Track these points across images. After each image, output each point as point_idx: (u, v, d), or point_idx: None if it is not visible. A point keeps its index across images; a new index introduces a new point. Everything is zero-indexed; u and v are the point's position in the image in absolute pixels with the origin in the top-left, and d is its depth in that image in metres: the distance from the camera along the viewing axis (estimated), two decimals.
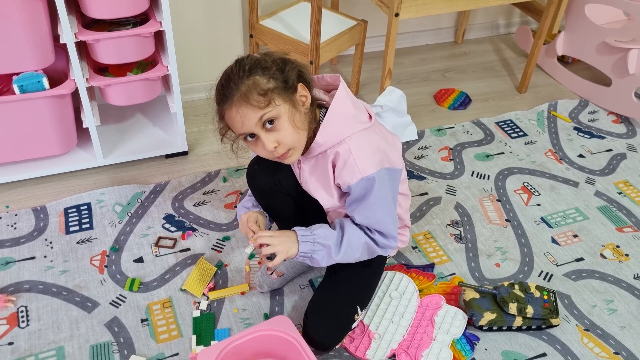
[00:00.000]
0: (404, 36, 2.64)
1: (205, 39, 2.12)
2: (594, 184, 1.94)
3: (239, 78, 1.16)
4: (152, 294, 1.49)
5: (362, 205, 1.26)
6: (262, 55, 1.21)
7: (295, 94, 1.19)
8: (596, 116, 2.28)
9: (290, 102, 1.18)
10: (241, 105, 1.15)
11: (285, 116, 1.17)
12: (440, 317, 1.44)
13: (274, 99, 1.16)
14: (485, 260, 1.65)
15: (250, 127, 1.17)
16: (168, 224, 1.69)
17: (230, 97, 1.16)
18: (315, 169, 1.30)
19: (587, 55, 2.32)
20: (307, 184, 1.33)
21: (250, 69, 1.17)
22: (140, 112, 2.05)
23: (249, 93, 1.14)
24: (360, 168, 1.22)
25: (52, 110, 1.68)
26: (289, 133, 1.18)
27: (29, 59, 1.58)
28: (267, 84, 1.16)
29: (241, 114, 1.16)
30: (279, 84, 1.16)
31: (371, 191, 1.23)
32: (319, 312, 1.36)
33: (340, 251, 1.28)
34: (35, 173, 1.79)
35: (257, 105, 1.15)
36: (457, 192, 1.88)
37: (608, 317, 1.51)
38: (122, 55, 1.66)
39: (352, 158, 1.21)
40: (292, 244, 1.27)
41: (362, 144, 1.23)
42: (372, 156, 1.23)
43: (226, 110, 1.19)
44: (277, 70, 1.18)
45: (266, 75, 1.16)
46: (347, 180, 1.23)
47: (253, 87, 1.15)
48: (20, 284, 1.49)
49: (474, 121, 2.21)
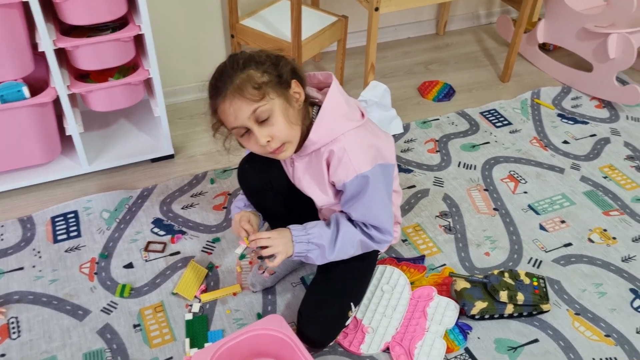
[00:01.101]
0: (385, 30, 2.64)
1: (187, 41, 2.11)
2: (579, 170, 1.96)
3: (233, 71, 1.16)
4: (144, 299, 1.48)
5: (357, 202, 1.26)
6: (255, 51, 1.21)
7: (289, 89, 1.19)
8: (579, 102, 2.29)
9: (284, 97, 1.18)
10: (235, 98, 1.15)
11: (279, 110, 1.17)
12: (432, 309, 1.45)
13: (268, 92, 1.15)
14: (475, 249, 1.66)
15: (243, 120, 1.16)
16: (157, 228, 1.68)
17: (223, 91, 1.16)
18: (309, 167, 1.30)
19: (567, 42, 2.33)
20: (300, 182, 1.33)
21: (244, 63, 1.16)
22: (125, 117, 2.03)
23: (243, 86, 1.14)
24: (354, 166, 1.22)
25: (34, 119, 1.67)
26: (282, 127, 1.18)
27: (7, 69, 1.57)
28: (261, 77, 1.15)
29: (234, 107, 1.15)
30: (272, 78, 1.16)
31: (366, 188, 1.24)
32: (313, 310, 1.36)
33: (334, 250, 1.29)
34: (20, 183, 1.78)
35: (250, 99, 1.14)
36: (445, 184, 1.88)
37: (598, 301, 1.53)
38: (102, 60, 1.65)
39: (347, 156, 1.22)
40: (289, 244, 1.28)
41: (356, 142, 1.23)
42: (366, 153, 1.24)
43: (219, 104, 1.18)
44: (270, 64, 1.18)
45: (260, 69, 1.16)
46: (342, 178, 1.23)
47: (247, 80, 1.14)
48: (9, 295, 1.48)
49: (458, 112, 2.22)
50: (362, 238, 1.31)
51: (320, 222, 1.32)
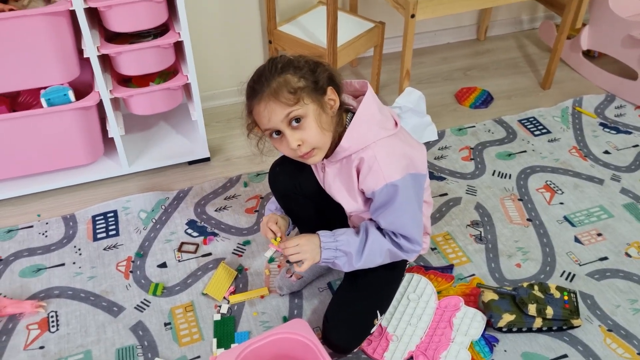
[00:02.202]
0: (424, 35, 2.63)
1: (226, 47, 2.16)
2: (620, 181, 1.90)
3: (271, 75, 1.18)
4: (175, 299, 1.53)
5: (387, 211, 1.27)
6: (295, 56, 1.24)
7: (324, 96, 1.21)
8: (623, 111, 2.23)
9: (318, 104, 1.20)
10: (270, 101, 1.17)
11: (312, 116, 1.19)
12: (459, 319, 1.44)
13: (303, 97, 1.18)
14: (506, 260, 1.64)
15: (277, 123, 1.19)
16: (190, 230, 1.73)
17: (260, 92, 1.18)
18: (340, 173, 1.31)
19: (612, 49, 2.27)
20: (330, 188, 1.35)
21: (282, 67, 1.19)
22: (164, 120, 2.10)
23: (279, 90, 1.16)
24: (384, 174, 1.23)
25: (79, 121, 1.75)
26: (314, 132, 1.20)
27: (55, 73, 1.65)
28: (297, 82, 1.18)
29: (269, 109, 1.18)
30: (309, 84, 1.18)
31: (395, 197, 1.24)
32: (339, 316, 1.38)
33: (361, 258, 1.30)
34: (64, 182, 1.86)
35: (285, 102, 1.17)
36: (478, 192, 1.86)
37: (632, 317, 1.48)
38: (143, 66, 1.71)
39: (377, 164, 1.23)
40: (317, 250, 1.30)
41: (387, 151, 1.24)
42: (397, 162, 1.24)
43: (255, 105, 1.21)
44: (308, 70, 1.20)
45: (297, 74, 1.19)
46: (372, 187, 1.24)
47: (284, 84, 1.17)
48: (50, 290, 1.55)
49: (495, 119, 2.19)
50: (390, 247, 1.31)
51: (349, 230, 1.34)
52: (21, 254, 1.65)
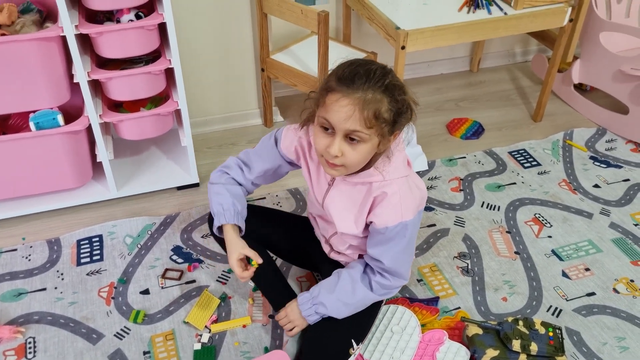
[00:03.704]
0: (418, 66, 2.66)
1: (218, 74, 2.18)
2: (609, 215, 1.89)
3: (375, 84, 1.12)
4: (156, 326, 1.51)
5: (392, 249, 1.29)
6: (402, 85, 1.17)
7: (391, 135, 1.19)
8: (614, 145, 2.23)
9: (381, 140, 1.17)
10: (355, 105, 1.11)
11: (369, 146, 1.17)
12: (442, 353, 1.42)
13: (377, 128, 1.14)
14: (492, 294, 1.62)
15: (341, 127, 1.13)
16: (176, 256, 1.72)
17: (354, 88, 1.11)
18: (352, 196, 1.31)
19: (603, 83, 2.28)
20: (330, 203, 1.34)
21: (387, 87, 1.13)
22: (155, 145, 2.10)
23: (370, 104, 1.11)
24: (403, 212, 1.25)
25: (67, 145, 1.75)
26: (358, 158, 1.18)
27: (45, 98, 1.65)
28: (385, 112, 1.13)
29: (347, 111, 1.11)
30: (390, 121, 1.15)
31: (404, 235, 1.27)
32: (313, 348, 1.37)
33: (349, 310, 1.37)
34: (51, 206, 1.85)
35: (364, 119, 1.11)
36: (466, 224, 1.86)
37: (619, 355, 1.46)
38: (134, 92, 1.72)
39: (399, 202, 1.24)
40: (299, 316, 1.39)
41: (408, 190, 1.27)
42: (413, 202, 1.28)
43: (338, 94, 1.12)
44: (399, 109, 1.15)
45: (391, 105, 1.14)
46: (386, 222, 1.26)
47: (377, 103, 1.11)
48: (30, 315, 1.53)
49: (486, 151, 2.19)
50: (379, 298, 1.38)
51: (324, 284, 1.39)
52: (3, 278, 1.63)
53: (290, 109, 2.41)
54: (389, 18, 1.92)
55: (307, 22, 1.89)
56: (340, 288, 1.35)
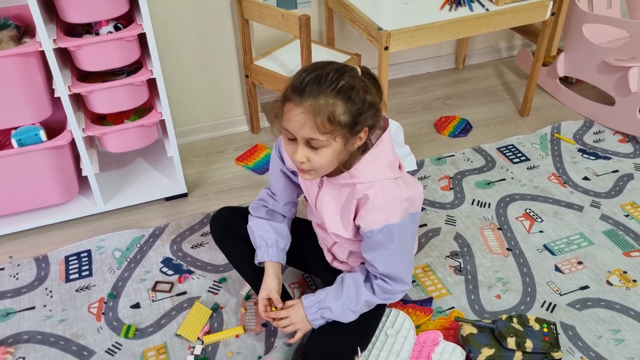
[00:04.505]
0: (403, 65, 2.65)
1: (202, 82, 2.16)
2: (600, 207, 1.89)
3: (326, 88, 1.11)
4: (148, 340, 1.49)
5: (383, 253, 1.27)
6: (359, 84, 1.14)
7: (356, 136, 1.18)
8: (602, 136, 2.23)
9: (345, 141, 1.16)
10: (307, 113, 1.12)
11: (332, 150, 1.16)
12: (438, 354, 1.41)
13: (335, 132, 1.13)
14: (486, 292, 1.61)
15: (298, 135, 1.15)
16: (166, 268, 1.70)
17: (305, 97, 1.12)
18: (339, 198, 1.30)
19: (588, 75, 2.29)
20: (322, 206, 1.33)
21: (340, 90, 1.12)
22: (141, 157, 2.09)
23: (321, 111, 1.11)
24: (387, 215, 1.23)
25: (51, 161, 1.73)
26: (324, 162, 1.18)
27: (25, 114, 1.64)
28: (341, 115, 1.12)
29: (300, 120, 1.13)
30: (348, 123, 1.13)
31: (392, 239, 1.25)
32: (320, 353, 1.34)
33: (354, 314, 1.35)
34: (38, 222, 1.83)
35: (317, 126, 1.12)
36: (457, 222, 1.85)
37: (615, 348, 1.45)
38: (116, 104, 1.70)
39: (382, 205, 1.22)
40: (304, 319, 1.36)
41: (393, 193, 1.24)
42: (399, 205, 1.25)
43: (292, 104, 1.14)
44: (357, 110, 1.14)
45: (347, 107, 1.12)
46: (371, 225, 1.24)
47: (330, 108, 1.11)
48: (19, 335, 1.51)
49: (474, 148, 2.18)
50: (381, 302, 1.36)
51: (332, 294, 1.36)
52: None
53: None
54: (371, 19, 1.91)
55: (289, 26, 1.88)
56: (346, 293, 1.33)
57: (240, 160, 2.15)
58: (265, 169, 2.11)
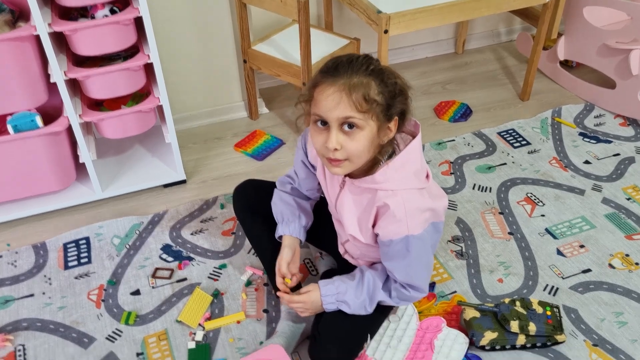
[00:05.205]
0: (403, 50, 2.62)
1: (200, 68, 2.14)
2: (601, 191, 1.88)
3: (358, 69, 1.11)
4: (148, 327, 1.48)
5: (402, 263, 1.24)
6: (389, 70, 1.15)
7: (388, 123, 1.15)
8: (602, 120, 2.22)
9: (379, 126, 1.13)
10: (342, 91, 1.09)
11: (367, 133, 1.12)
12: (440, 340, 1.40)
13: (371, 112, 1.11)
14: (488, 276, 1.60)
15: (332, 116, 1.11)
16: (165, 254, 1.69)
17: (338, 76, 1.10)
18: (359, 202, 1.26)
19: (589, 59, 2.27)
20: (342, 206, 1.30)
21: (372, 71, 1.11)
22: (139, 143, 2.06)
23: (357, 88, 1.09)
24: (408, 227, 1.19)
25: (48, 147, 1.71)
26: (359, 147, 1.13)
27: (21, 99, 1.61)
28: (376, 95, 1.10)
29: (335, 98, 1.10)
30: (383, 104, 1.11)
31: (411, 249, 1.21)
32: (333, 336, 1.32)
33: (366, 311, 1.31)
34: (35, 210, 1.81)
35: (354, 104, 1.09)
36: (458, 207, 1.84)
37: (618, 331, 1.45)
38: (113, 89, 1.68)
39: (403, 215, 1.18)
40: (319, 302, 1.31)
41: (415, 204, 1.20)
42: (422, 216, 1.21)
43: (324, 85, 1.11)
44: (390, 92, 1.13)
45: (380, 87, 1.11)
46: (391, 235, 1.21)
47: (365, 86, 1.09)
48: (18, 322, 1.50)
49: (475, 132, 2.17)
50: (394, 304, 1.34)
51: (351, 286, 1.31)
52: None
53: (276, 100, 2.38)
54: (370, 2, 1.88)
55: (287, 10, 1.85)
56: (365, 292, 1.30)
57: (239, 147, 2.13)
58: (265, 154, 2.09)
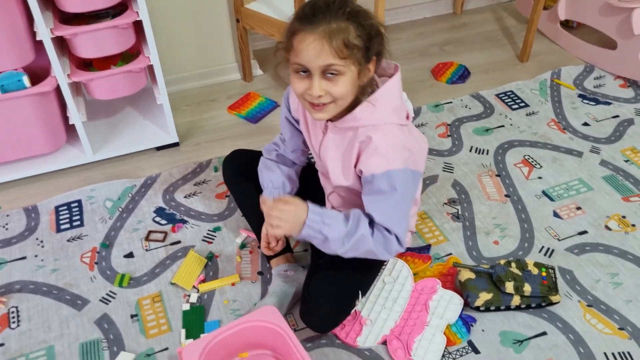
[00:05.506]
0: (400, 10, 2.56)
1: (192, 27, 2.08)
2: (599, 153, 1.86)
3: (336, 13, 1.09)
4: (142, 289, 1.48)
5: (383, 202, 1.21)
6: (363, 10, 1.14)
7: (367, 64, 1.16)
8: (602, 81, 2.18)
9: (359, 68, 1.14)
10: (323, 40, 1.08)
11: (349, 78, 1.13)
12: (435, 302, 1.40)
13: (351, 57, 1.11)
14: (484, 238, 1.59)
15: (314, 65, 1.11)
16: (159, 217, 1.67)
17: (317, 24, 1.09)
18: (342, 143, 1.26)
19: (590, 18, 2.22)
20: (326, 152, 1.29)
21: (350, 14, 1.10)
22: (130, 106, 2.02)
23: (337, 35, 1.08)
24: (389, 160, 1.18)
25: (36, 108, 1.67)
26: (342, 90, 1.14)
27: (7, 58, 1.56)
28: (355, 39, 1.10)
29: (316, 47, 1.09)
30: (362, 47, 1.12)
31: (395, 187, 1.19)
32: (323, 294, 1.32)
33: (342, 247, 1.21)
34: (25, 173, 1.79)
35: (334, 51, 1.09)
36: (455, 169, 1.82)
37: (612, 292, 1.45)
38: (101, 48, 1.63)
39: (385, 148, 1.17)
40: (299, 224, 1.18)
41: (396, 138, 1.19)
42: (401, 153, 1.20)
43: (303, 33, 1.10)
44: (367, 34, 1.12)
45: (359, 31, 1.11)
46: (373, 169, 1.19)
47: (344, 31, 1.09)
48: (11, 285, 1.49)
49: (473, 94, 2.13)
50: (373, 249, 1.23)
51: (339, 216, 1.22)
52: None
53: (270, 61, 2.32)
54: None
55: None
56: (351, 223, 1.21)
57: (232, 109, 2.10)
58: (259, 117, 2.05)
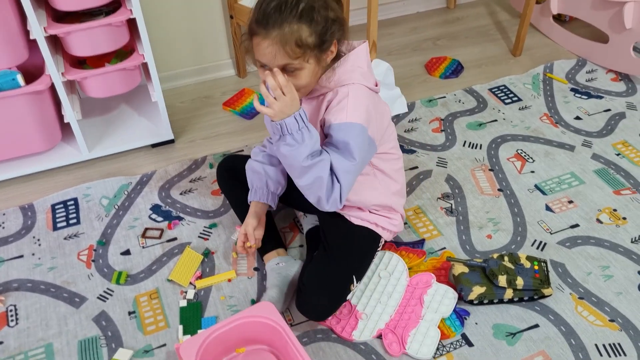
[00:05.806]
0: (394, 5, 2.57)
1: (186, 24, 2.08)
2: (591, 147, 1.88)
3: (288, 15, 1.14)
4: (139, 286, 1.49)
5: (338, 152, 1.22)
6: (320, 2, 1.17)
7: (327, 51, 1.21)
8: (594, 75, 2.20)
9: (317, 60, 1.20)
10: (275, 44, 1.14)
11: (308, 70, 1.19)
12: (430, 296, 1.42)
13: (306, 54, 1.17)
14: (477, 232, 1.61)
15: (272, 65, 1.17)
16: (155, 215, 1.68)
17: (270, 28, 1.14)
18: (314, 109, 1.30)
19: (582, 12, 2.23)
20: None
21: (302, 14, 1.14)
22: (125, 103, 2.03)
23: (289, 39, 1.13)
24: (349, 113, 1.22)
25: (31, 107, 1.67)
26: (303, 82, 1.20)
27: (0, 57, 1.57)
28: (308, 37, 1.15)
29: (271, 51, 1.15)
30: (317, 43, 1.17)
31: (349, 140, 1.21)
32: (317, 281, 1.34)
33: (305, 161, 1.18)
34: (21, 171, 1.79)
35: (288, 53, 1.15)
36: (448, 164, 1.83)
37: (604, 284, 1.47)
38: (95, 46, 1.64)
39: (347, 101, 1.22)
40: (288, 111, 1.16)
41: (360, 96, 1.24)
42: (363, 110, 1.24)
43: (259, 39, 1.16)
44: (323, 28, 1.17)
45: (312, 28, 1.15)
46: (332, 119, 1.23)
47: (295, 33, 1.14)
48: (9, 283, 1.50)
49: (466, 89, 2.15)
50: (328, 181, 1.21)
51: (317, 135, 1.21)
52: None
53: None
54: None
55: None
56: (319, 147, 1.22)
57: (227, 105, 2.10)
58: (253, 113, 2.06)
